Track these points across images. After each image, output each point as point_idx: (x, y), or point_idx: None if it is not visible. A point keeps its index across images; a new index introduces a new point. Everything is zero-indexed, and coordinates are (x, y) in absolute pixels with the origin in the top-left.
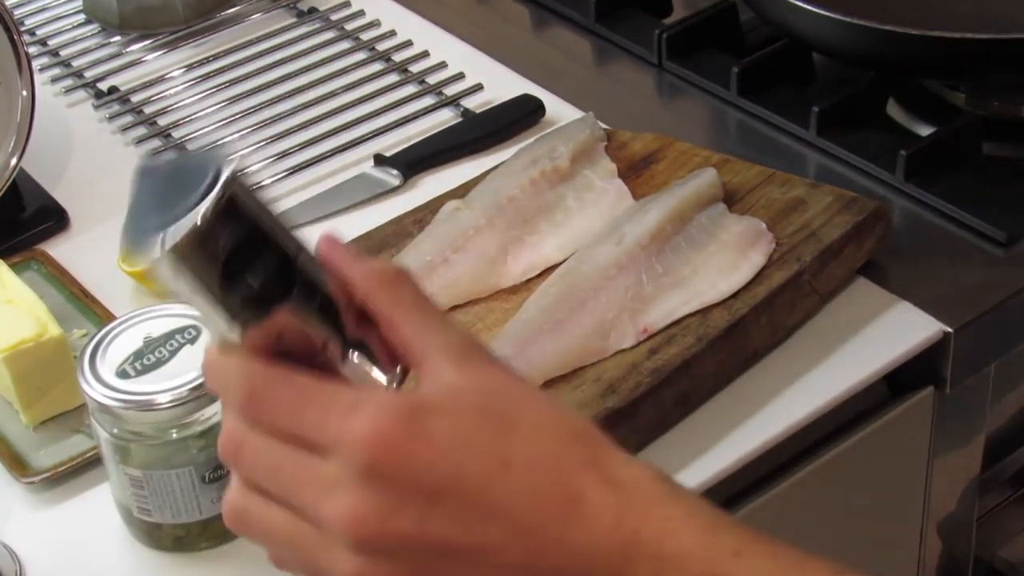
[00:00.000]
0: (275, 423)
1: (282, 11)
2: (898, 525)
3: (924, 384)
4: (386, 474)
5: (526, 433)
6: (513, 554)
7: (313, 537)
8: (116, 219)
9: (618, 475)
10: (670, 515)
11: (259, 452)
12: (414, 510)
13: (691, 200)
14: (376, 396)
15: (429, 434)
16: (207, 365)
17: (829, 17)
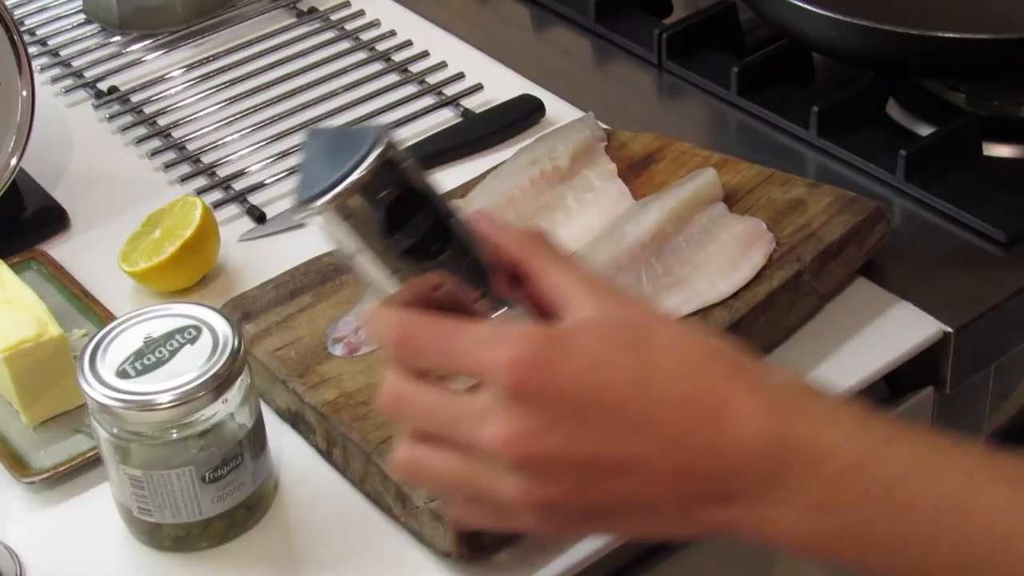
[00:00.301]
0: (426, 362)
1: (282, 11)
2: None
3: (924, 384)
4: (532, 395)
5: (664, 350)
6: (666, 464)
7: (479, 469)
8: (116, 219)
9: (760, 382)
10: (817, 412)
11: (416, 398)
12: (563, 427)
13: (691, 200)
14: (517, 327)
15: (570, 355)
16: (369, 318)
17: (829, 17)
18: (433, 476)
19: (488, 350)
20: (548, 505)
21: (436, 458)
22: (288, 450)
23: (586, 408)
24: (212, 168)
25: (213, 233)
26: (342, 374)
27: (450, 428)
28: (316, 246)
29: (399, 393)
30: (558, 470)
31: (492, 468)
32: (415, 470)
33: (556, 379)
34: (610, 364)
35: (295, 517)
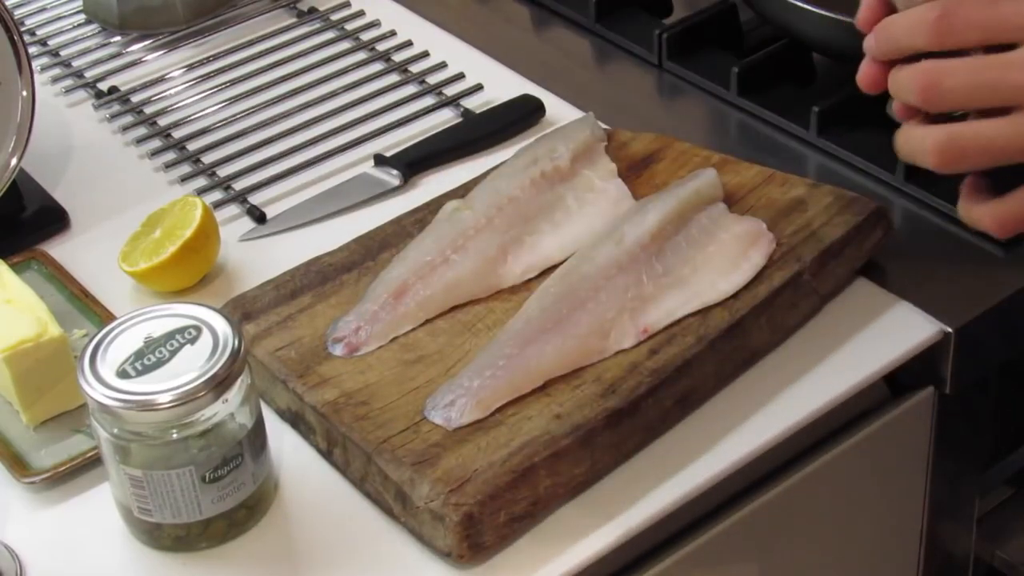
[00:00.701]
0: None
1: (282, 11)
2: (898, 525)
3: (924, 384)
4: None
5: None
6: None
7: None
8: (116, 219)
9: None
10: None
11: (958, 71)
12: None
13: (691, 200)
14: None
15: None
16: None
17: (829, 17)
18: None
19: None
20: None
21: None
22: (288, 450)
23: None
24: (212, 168)
25: (213, 233)
26: (342, 374)
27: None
28: (316, 246)
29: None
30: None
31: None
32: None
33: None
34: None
35: (295, 517)
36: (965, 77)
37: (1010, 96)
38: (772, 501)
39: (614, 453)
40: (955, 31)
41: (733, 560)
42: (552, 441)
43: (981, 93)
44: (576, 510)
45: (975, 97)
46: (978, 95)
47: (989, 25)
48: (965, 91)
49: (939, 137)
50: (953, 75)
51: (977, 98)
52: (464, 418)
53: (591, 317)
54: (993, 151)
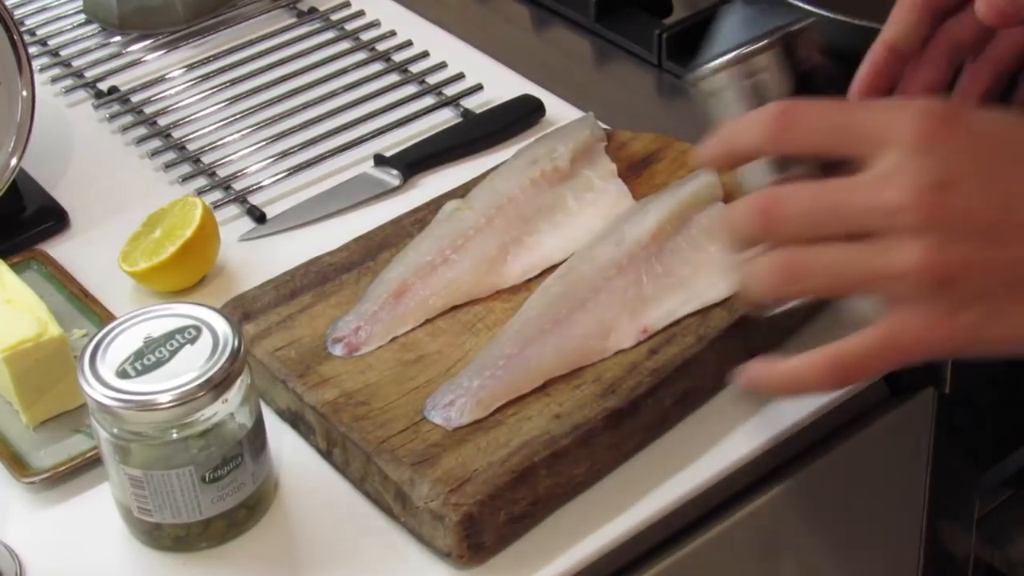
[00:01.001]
0: (818, 131)
1: (282, 11)
2: (898, 525)
3: (924, 384)
4: (938, 146)
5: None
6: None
7: (868, 249)
8: (116, 219)
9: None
10: None
11: (794, 195)
12: (977, 179)
13: (691, 200)
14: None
15: (978, 113)
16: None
17: (829, 17)
18: (814, 267)
19: (895, 109)
20: (946, 276)
21: (816, 250)
22: (288, 450)
23: (993, 164)
24: (212, 168)
25: (213, 233)
26: (342, 374)
27: (836, 211)
28: (316, 246)
29: (770, 201)
30: (967, 229)
31: (887, 243)
32: (792, 268)
33: (968, 129)
34: (1019, 124)
35: (295, 517)
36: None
37: (852, 222)
38: (772, 501)
39: (614, 453)
40: (793, 132)
41: (733, 560)
42: (552, 441)
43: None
44: (576, 510)
45: (816, 222)
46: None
47: (833, 131)
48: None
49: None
50: (795, 193)
51: (818, 223)
52: (464, 418)
53: (591, 317)
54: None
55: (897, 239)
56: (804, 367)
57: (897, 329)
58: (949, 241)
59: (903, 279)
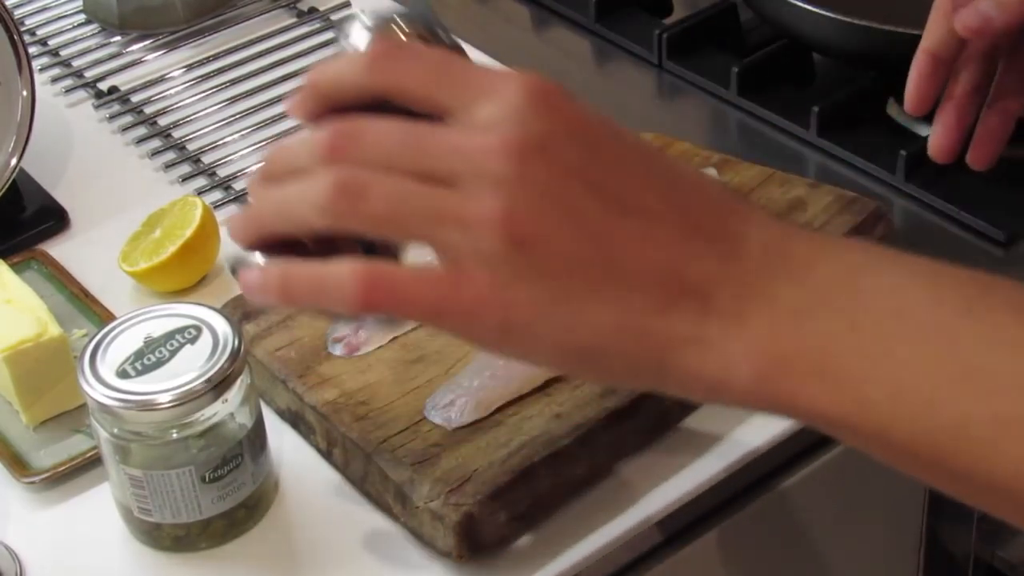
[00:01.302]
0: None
1: (282, 11)
2: (898, 525)
3: None
4: (551, 106)
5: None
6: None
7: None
8: (116, 219)
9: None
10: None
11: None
12: (579, 146)
13: None
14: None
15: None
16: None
17: (829, 17)
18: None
19: (502, 73)
20: (519, 238)
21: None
22: (288, 450)
23: (605, 138)
24: (212, 168)
25: (213, 233)
26: (342, 374)
27: (421, 145)
28: None
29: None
30: (560, 190)
31: (465, 192)
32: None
33: (575, 104)
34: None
35: (295, 517)
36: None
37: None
38: (772, 501)
39: (614, 453)
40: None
41: (733, 560)
42: (552, 441)
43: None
44: (576, 510)
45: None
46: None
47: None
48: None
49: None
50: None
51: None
52: (464, 418)
53: None
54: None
55: (479, 188)
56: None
57: (455, 279)
58: (530, 205)
59: (471, 227)
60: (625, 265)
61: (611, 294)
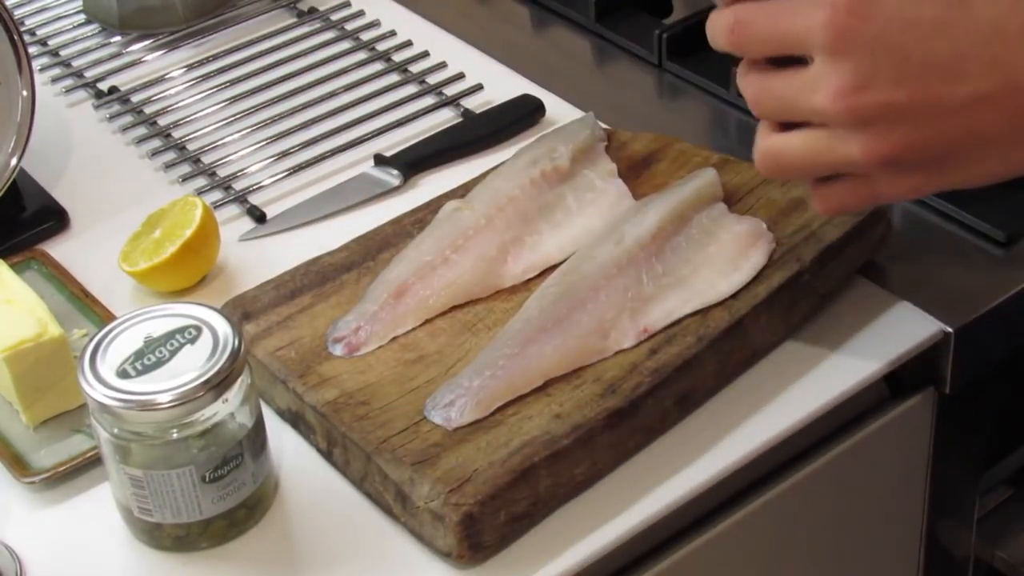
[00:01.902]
0: (759, 42)
1: (282, 11)
2: (898, 525)
3: (924, 384)
4: (852, 46)
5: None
6: (991, 84)
7: (826, 140)
8: (116, 219)
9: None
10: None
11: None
12: (888, 70)
13: (691, 200)
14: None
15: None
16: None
17: None
18: (791, 160)
19: (812, 8)
20: (894, 157)
21: (786, 140)
22: (288, 450)
23: (906, 44)
24: (212, 168)
25: (213, 233)
26: (342, 374)
27: (792, 111)
28: (316, 246)
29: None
30: (893, 115)
31: (837, 136)
32: (776, 158)
33: (870, 24)
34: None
35: (295, 517)
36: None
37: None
38: (772, 501)
39: (614, 453)
40: (748, 44)
41: (733, 560)
42: (552, 441)
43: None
44: (576, 510)
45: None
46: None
47: (776, 40)
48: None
49: (762, 146)
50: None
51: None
52: (464, 418)
53: (591, 317)
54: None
55: (840, 132)
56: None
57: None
58: (880, 132)
59: (855, 166)
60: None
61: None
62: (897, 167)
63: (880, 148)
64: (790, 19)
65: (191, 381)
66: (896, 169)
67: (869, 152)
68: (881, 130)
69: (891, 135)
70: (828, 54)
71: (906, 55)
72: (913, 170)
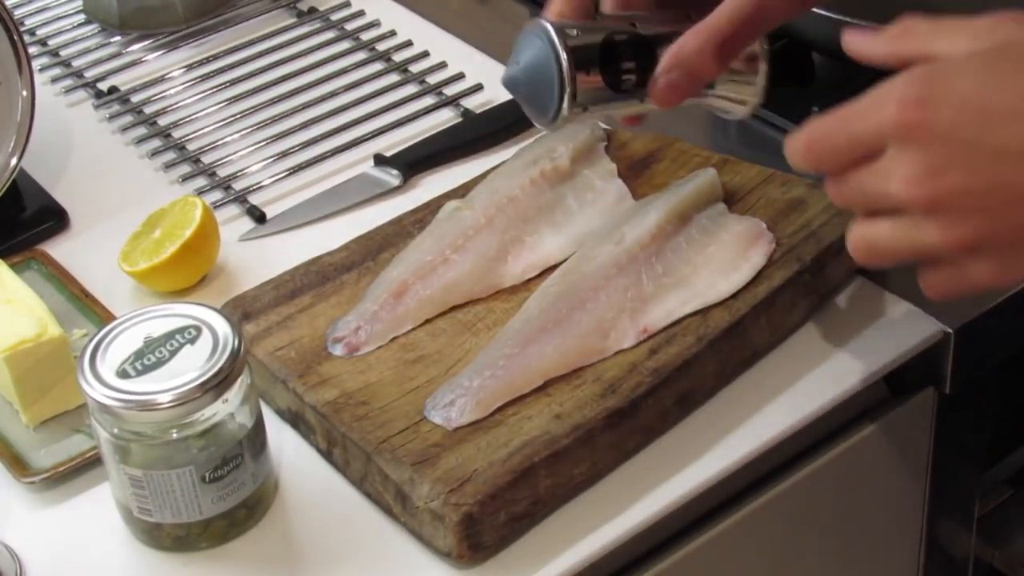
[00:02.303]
0: (835, 150)
1: (282, 11)
2: (898, 525)
3: (924, 384)
4: (923, 134)
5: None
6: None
7: (913, 230)
8: (116, 219)
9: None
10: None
11: (843, 187)
12: (961, 157)
13: (691, 200)
14: (892, 80)
15: (951, 82)
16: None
17: (829, 17)
18: (881, 248)
19: (878, 106)
20: (972, 243)
21: (875, 228)
22: (288, 450)
23: (978, 133)
24: (212, 168)
25: (213, 233)
26: (342, 374)
27: (872, 203)
28: (316, 246)
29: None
30: (968, 200)
31: (916, 223)
32: (867, 246)
33: (942, 111)
34: (994, 85)
35: (295, 517)
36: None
37: (884, 207)
38: (772, 501)
39: (614, 453)
40: (827, 158)
41: (733, 560)
42: (552, 441)
43: (866, 203)
44: (576, 510)
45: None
46: (863, 204)
47: (853, 147)
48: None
49: (855, 235)
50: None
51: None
52: (464, 418)
53: (591, 317)
54: (895, 256)
55: (918, 219)
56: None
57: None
58: (956, 218)
59: (938, 253)
60: None
61: None
62: (979, 253)
63: (957, 234)
64: (861, 123)
65: (191, 381)
66: (980, 255)
67: (946, 238)
68: (957, 216)
69: (968, 221)
70: (899, 143)
71: (979, 142)
72: (1000, 256)
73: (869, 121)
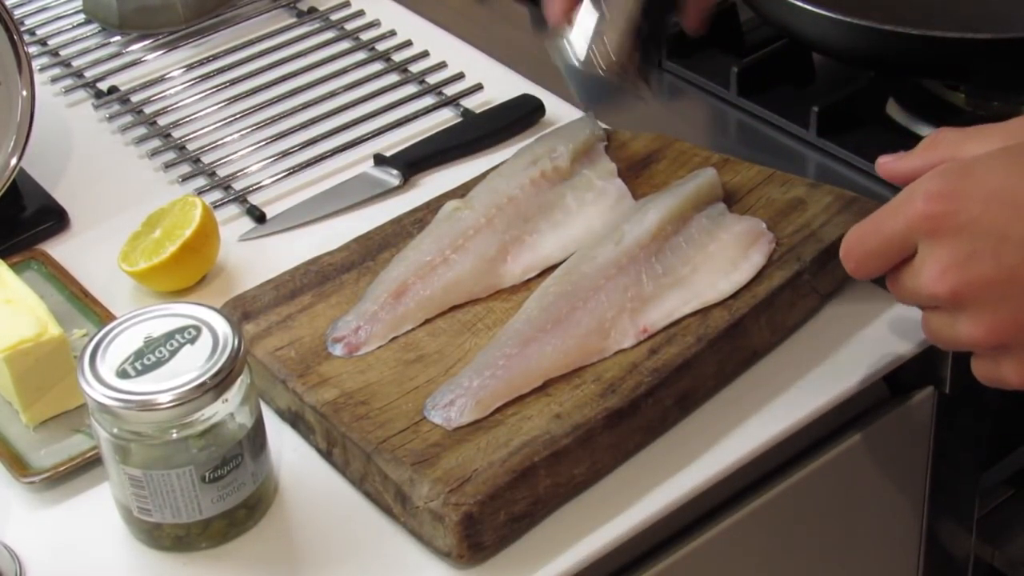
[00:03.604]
0: (874, 255)
1: (282, 11)
2: (898, 525)
3: (924, 384)
4: (946, 228)
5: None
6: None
7: (938, 321)
8: (116, 219)
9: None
10: None
11: (895, 287)
12: (987, 249)
13: (691, 200)
14: (921, 178)
15: (977, 174)
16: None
17: (829, 17)
18: (939, 341)
19: (907, 203)
20: (1000, 336)
21: (929, 324)
22: (288, 450)
23: (1006, 224)
24: (212, 168)
25: (213, 233)
26: (342, 374)
27: (910, 294)
28: (316, 246)
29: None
30: (996, 293)
31: (947, 316)
32: (934, 340)
33: (968, 203)
34: (1019, 175)
35: (295, 517)
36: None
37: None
38: (772, 501)
39: (614, 453)
40: (867, 264)
41: (733, 560)
42: (552, 441)
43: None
44: (576, 510)
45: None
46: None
47: (887, 248)
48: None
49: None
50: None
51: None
52: (464, 418)
53: (591, 317)
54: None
55: (949, 312)
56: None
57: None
58: (983, 311)
59: (970, 346)
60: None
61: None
62: (1009, 348)
63: (984, 327)
64: (892, 222)
65: (191, 381)
66: (1009, 352)
67: (974, 332)
68: (985, 309)
69: (996, 313)
70: (927, 238)
71: (1005, 235)
72: (1017, 350)
73: (899, 219)
